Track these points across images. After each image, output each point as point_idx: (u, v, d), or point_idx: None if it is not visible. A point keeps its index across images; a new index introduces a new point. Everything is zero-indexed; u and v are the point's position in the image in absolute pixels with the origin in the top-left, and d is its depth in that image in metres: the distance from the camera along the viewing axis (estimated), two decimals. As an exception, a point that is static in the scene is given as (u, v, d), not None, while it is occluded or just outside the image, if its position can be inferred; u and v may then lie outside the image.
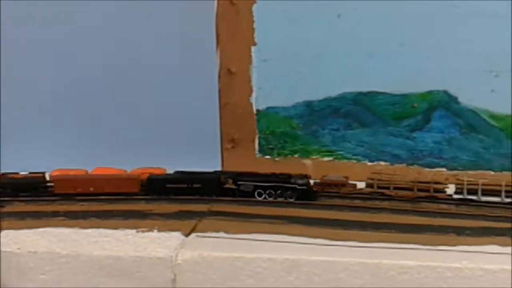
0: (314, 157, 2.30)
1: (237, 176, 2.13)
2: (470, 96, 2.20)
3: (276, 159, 2.32)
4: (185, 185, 2.13)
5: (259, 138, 2.32)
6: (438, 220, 1.94)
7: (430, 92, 2.22)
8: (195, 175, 2.15)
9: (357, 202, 2.07)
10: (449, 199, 2.06)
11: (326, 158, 2.30)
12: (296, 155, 2.31)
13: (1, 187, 2.16)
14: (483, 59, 2.16)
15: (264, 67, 2.26)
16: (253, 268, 1.77)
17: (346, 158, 2.30)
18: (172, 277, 1.80)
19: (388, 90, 2.23)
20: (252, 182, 2.10)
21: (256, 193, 2.10)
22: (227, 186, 2.13)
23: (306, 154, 2.31)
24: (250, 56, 2.25)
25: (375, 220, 1.96)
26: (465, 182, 2.07)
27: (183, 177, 2.16)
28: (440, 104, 2.22)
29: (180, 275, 1.80)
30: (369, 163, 2.29)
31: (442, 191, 2.08)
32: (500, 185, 2.04)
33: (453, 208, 2.02)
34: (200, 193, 2.12)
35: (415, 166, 2.26)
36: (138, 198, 2.13)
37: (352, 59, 2.22)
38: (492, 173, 2.22)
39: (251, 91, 2.28)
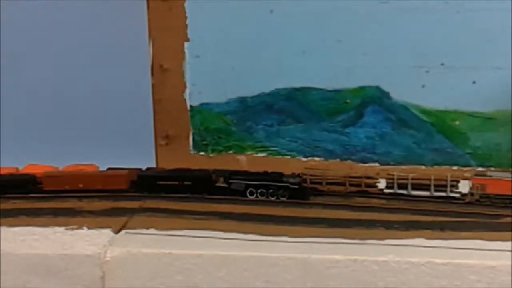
0: (248, 153, 2.30)
1: (229, 175, 2.11)
2: (402, 92, 2.22)
3: (211, 155, 2.32)
4: (176, 183, 2.11)
5: (193, 134, 2.31)
6: (368, 214, 1.96)
7: (363, 87, 2.23)
8: (186, 173, 2.13)
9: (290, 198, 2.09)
10: (380, 194, 2.09)
11: (260, 154, 2.30)
12: (230, 151, 2.31)
13: None
14: (414, 55, 2.17)
15: (197, 63, 2.24)
16: (182, 264, 1.77)
17: (280, 154, 2.30)
18: (101, 274, 1.79)
19: (321, 86, 2.24)
20: (243, 181, 2.09)
21: (248, 192, 2.08)
22: (218, 184, 2.11)
23: (240, 150, 2.31)
24: (183, 52, 2.24)
25: (307, 215, 1.97)
26: (396, 177, 2.10)
27: (174, 174, 2.13)
28: (372, 99, 2.23)
29: (108, 273, 1.78)
30: (304, 159, 2.29)
31: (374, 185, 2.10)
32: (429, 179, 2.08)
33: (383, 203, 2.05)
34: (191, 191, 2.10)
35: (349, 161, 2.28)
36: (69, 196, 2.11)
37: (285, 55, 2.21)
38: (424, 167, 2.25)
39: (185, 87, 2.27)
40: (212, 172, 2.14)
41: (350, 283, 1.73)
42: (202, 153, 2.32)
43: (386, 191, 2.08)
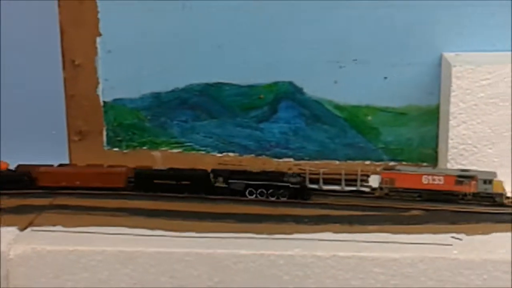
0: (163, 149, 2.29)
1: (228, 175, 2.06)
2: (315, 87, 2.23)
3: (125, 151, 2.29)
4: (174, 182, 2.06)
5: (106, 130, 2.28)
6: (279, 209, 1.97)
7: (276, 83, 2.24)
8: (185, 172, 2.09)
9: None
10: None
11: (175, 150, 2.29)
12: (144, 147, 2.29)
13: None
14: (326, 50, 2.19)
15: (109, 58, 2.22)
16: (88, 261, 1.75)
17: (195, 149, 2.29)
18: (5, 272, 1.76)
19: (235, 81, 2.24)
20: (243, 181, 2.05)
21: (247, 192, 2.03)
22: (217, 184, 2.06)
23: (155, 146, 2.29)
24: (95, 47, 2.22)
25: (215, 210, 1.97)
26: (307, 172, 2.12)
27: (172, 173, 2.08)
28: (286, 95, 2.24)
29: (12, 271, 1.75)
30: (219, 155, 2.29)
31: (286, 180, 2.12)
32: (340, 174, 2.09)
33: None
34: (189, 191, 2.05)
35: (263, 156, 2.29)
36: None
37: (199, 50, 2.21)
38: (337, 162, 2.27)
39: (97, 82, 2.24)
40: (211, 171, 2.10)
41: (256, 277, 1.74)
42: (116, 149, 2.30)
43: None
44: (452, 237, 1.81)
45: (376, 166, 2.22)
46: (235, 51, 2.21)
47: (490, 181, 2.00)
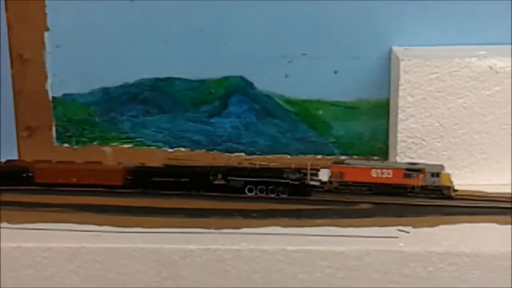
0: (113, 144, 2.27)
1: (227, 171, 2.04)
2: (265, 82, 2.23)
3: (75, 147, 2.28)
4: (173, 179, 2.03)
5: (56, 126, 2.27)
6: (228, 204, 1.97)
7: (227, 78, 2.24)
8: (183, 169, 2.07)
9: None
10: (242, 183, 2.11)
11: (125, 145, 2.28)
12: (95, 143, 2.28)
13: None
14: (276, 45, 2.20)
15: (58, 53, 2.20)
16: (33, 258, 1.73)
17: (146, 144, 2.28)
18: None
19: (185, 76, 2.23)
20: (242, 178, 2.02)
21: (247, 189, 2.01)
22: (216, 182, 2.03)
23: (105, 141, 2.28)
24: (43, 41, 2.20)
25: (165, 205, 1.96)
26: (258, 166, 2.12)
27: (170, 170, 2.07)
28: (237, 89, 2.24)
29: (-45, 268, 1.74)
30: (170, 150, 2.28)
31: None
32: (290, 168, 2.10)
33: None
34: (188, 188, 2.03)
35: (215, 151, 2.29)
36: None
37: (148, 45, 2.20)
38: (289, 157, 2.28)
39: (46, 78, 2.22)
40: (210, 168, 2.08)
41: (203, 272, 1.73)
42: (66, 145, 2.28)
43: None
44: (399, 230, 1.83)
45: (327, 160, 2.23)
46: (185, 46, 2.20)
47: (438, 174, 2.02)
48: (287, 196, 2.00)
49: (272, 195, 2.00)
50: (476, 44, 2.15)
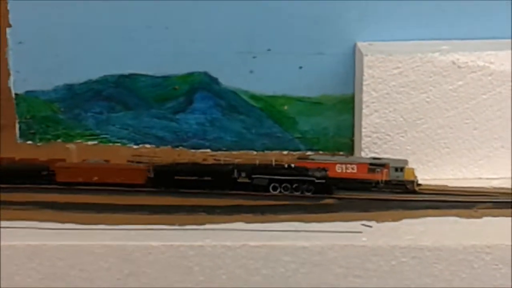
0: (78, 141, 2.25)
1: (251, 169, 2.01)
2: (230, 77, 2.23)
3: (39, 144, 2.26)
4: (195, 178, 2.00)
5: (19, 123, 2.24)
6: (191, 200, 1.96)
7: (191, 74, 2.22)
8: (207, 167, 2.05)
9: (113, 186, 2.04)
10: (207, 179, 2.10)
11: (90, 142, 2.26)
12: (59, 140, 2.26)
13: None
14: (240, 40, 2.19)
15: (20, 50, 2.17)
16: (-6, 256, 1.73)
17: (111, 141, 2.26)
18: None
19: (149, 72, 2.22)
20: (267, 176, 2.00)
21: (271, 187, 1.99)
22: (240, 180, 2.01)
23: (69, 138, 2.25)
24: (6, 38, 2.17)
25: (129, 202, 1.95)
26: (222, 162, 2.11)
27: (193, 169, 2.04)
28: (201, 85, 2.23)
29: None
30: (135, 146, 2.27)
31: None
32: (255, 164, 2.09)
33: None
34: (211, 186, 2.00)
35: (180, 147, 2.28)
36: None
37: (112, 41, 2.18)
38: (255, 152, 2.28)
39: (9, 74, 2.20)
40: (234, 166, 2.06)
41: (166, 269, 1.73)
42: (29, 142, 2.26)
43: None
44: (363, 224, 1.83)
45: (293, 156, 2.23)
46: (149, 42, 2.18)
47: (402, 169, 2.02)
48: (311, 194, 1.98)
49: (297, 193, 1.99)
50: (440, 39, 2.17)
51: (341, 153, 2.26)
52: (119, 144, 2.27)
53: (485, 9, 2.14)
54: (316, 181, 1.99)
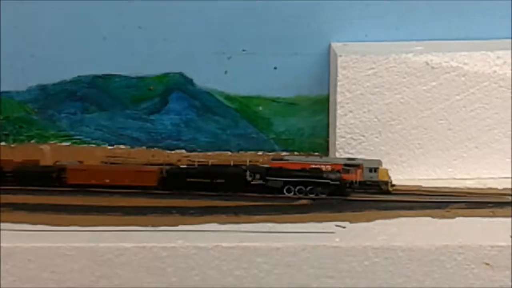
0: (52, 142, 2.25)
1: (265, 171, 2.00)
2: (205, 78, 2.23)
3: (12, 145, 2.25)
4: (208, 180, 1.98)
5: (-7, 124, 2.25)
6: (165, 201, 1.95)
7: (166, 74, 2.22)
8: (218, 169, 2.02)
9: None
10: (182, 180, 2.10)
11: (64, 143, 2.25)
12: (33, 141, 2.25)
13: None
14: (215, 41, 2.19)
15: (-7, 50, 2.19)
16: (-36, 258, 1.71)
17: (85, 142, 2.26)
18: None
19: (124, 73, 2.22)
20: (281, 178, 1.98)
21: (285, 189, 1.98)
22: (254, 182, 2.00)
23: (43, 139, 2.25)
24: (-21, 39, 2.18)
25: (103, 203, 1.94)
26: (197, 163, 2.11)
27: (205, 171, 2.02)
28: (176, 86, 2.23)
29: None
30: (109, 147, 2.27)
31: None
32: (229, 165, 2.10)
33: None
34: (224, 189, 1.98)
35: (155, 148, 2.27)
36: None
37: (86, 42, 2.18)
38: (230, 153, 2.27)
39: (-18, 75, 2.21)
40: (248, 168, 2.04)
41: (139, 270, 1.72)
42: (3, 143, 2.25)
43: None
44: (336, 225, 1.84)
45: (268, 157, 2.23)
46: (123, 42, 2.18)
47: (376, 169, 2.03)
48: (326, 196, 1.97)
49: (312, 195, 1.98)
50: (414, 40, 2.18)
51: (316, 153, 2.27)
52: (93, 145, 2.27)
53: (458, 10, 2.16)
54: (331, 183, 1.98)
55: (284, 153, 2.25)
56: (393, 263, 1.72)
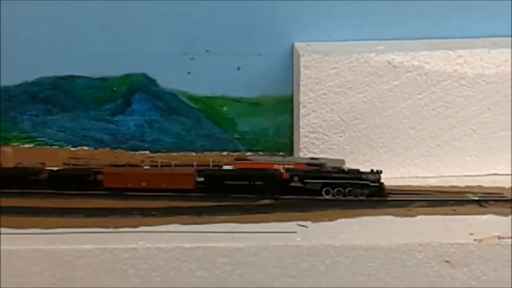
0: (14, 144, 2.23)
1: (304, 174, 1.98)
2: (168, 79, 2.22)
3: (-27, 148, 2.24)
4: (246, 183, 1.97)
5: (-47, 126, 2.23)
6: (126, 202, 1.94)
7: (129, 75, 2.21)
8: (257, 172, 1.99)
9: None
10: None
11: (27, 145, 2.24)
12: (-6, 143, 2.25)
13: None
14: (178, 41, 2.18)
15: (-46, 52, 2.16)
16: None
17: (48, 144, 2.24)
18: None
19: (86, 74, 2.20)
20: (320, 180, 1.97)
21: (323, 191, 1.96)
22: (293, 184, 1.97)
23: (5, 141, 2.22)
24: None
25: (65, 205, 1.93)
26: (160, 164, 2.11)
27: (244, 173, 1.99)
28: (140, 87, 2.22)
29: None
30: (73, 149, 2.25)
31: (139, 173, 2.10)
32: (192, 165, 2.09)
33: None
34: (263, 191, 1.96)
35: (119, 150, 2.26)
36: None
37: (48, 43, 2.16)
38: (194, 154, 2.27)
39: None
40: (286, 171, 2.01)
41: (100, 272, 1.71)
42: (-39, 147, 2.24)
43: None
44: (298, 224, 1.84)
45: (232, 157, 2.23)
46: (85, 43, 2.17)
47: (338, 169, 2.04)
48: (365, 198, 1.97)
49: (351, 197, 1.97)
50: (376, 39, 2.19)
51: (280, 153, 2.27)
52: (56, 146, 2.25)
53: (419, 10, 2.16)
54: (371, 184, 1.98)
55: (248, 153, 2.26)
56: (354, 262, 1.73)
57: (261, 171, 2.02)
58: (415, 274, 1.73)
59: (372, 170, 2.00)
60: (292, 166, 2.02)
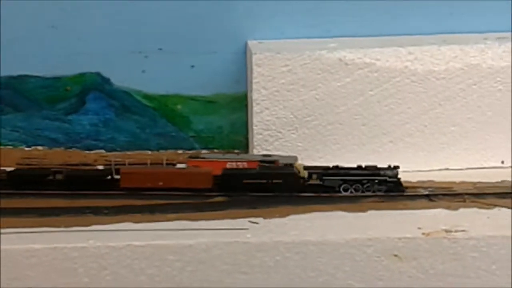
0: (-33, 144, 2.24)
1: (323, 171, 1.98)
2: (122, 78, 2.23)
3: None
4: (264, 181, 1.96)
5: None
6: (79, 201, 1.93)
7: (83, 74, 2.21)
8: (276, 170, 1.98)
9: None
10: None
11: (-19, 146, 2.24)
12: None
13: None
14: (131, 40, 2.19)
15: None
16: None
17: (1, 144, 2.23)
18: None
19: (39, 74, 2.20)
20: (338, 177, 1.97)
21: (342, 187, 1.96)
22: (311, 182, 1.97)
23: (-42, 142, 2.24)
24: None
25: (17, 205, 1.92)
26: (113, 162, 2.10)
27: (261, 172, 1.97)
28: (94, 86, 2.23)
29: None
30: (27, 148, 2.25)
31: (92, 172, 2.10)
32: (146, 164, 2.09)
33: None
34: (281, 189, 1.96)
35: (74, 149, 2.26)
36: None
37: None
38: (149, 152, 2.27)
39: None
40: (305, 169, 2.00)
41: (50, 271, 1.70)
42: None
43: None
44: (250, 221, 1.85)
45: (182, 155, 2.24)
46: (37, 43, 2.17)
47: (291, 165, 2.05)
48: (383, 193, 1.97)
49: (368, 193, 1.98)
50: (328, 37, 2.20)
51: (236, 151, 2.28)
52: (10, 146, 2.24)
53: (370, 8, 2.19)
54: (389, 180, 1.99)
55: (204, 151, 2.26)
56: (304, 258, 1.74)
57: (280, 170, 2.02)
58: (364, 268, 1.75)
59: (389, 166, 2.01)
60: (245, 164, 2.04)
